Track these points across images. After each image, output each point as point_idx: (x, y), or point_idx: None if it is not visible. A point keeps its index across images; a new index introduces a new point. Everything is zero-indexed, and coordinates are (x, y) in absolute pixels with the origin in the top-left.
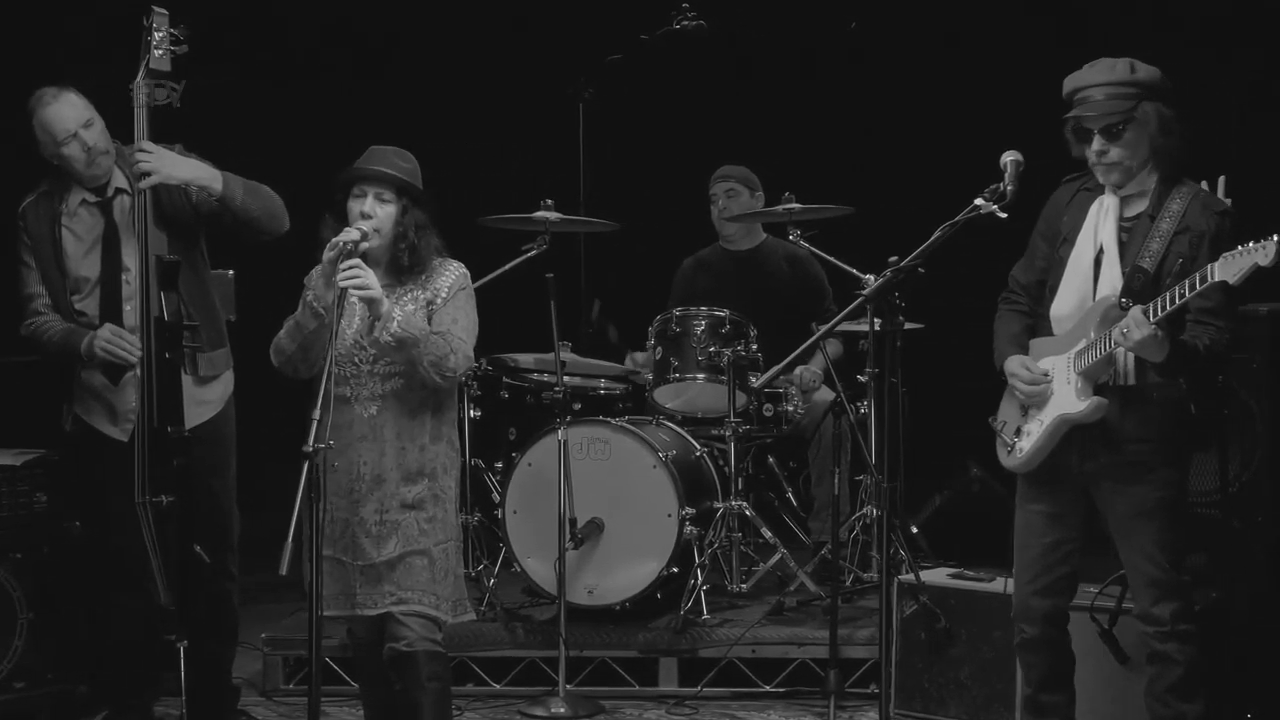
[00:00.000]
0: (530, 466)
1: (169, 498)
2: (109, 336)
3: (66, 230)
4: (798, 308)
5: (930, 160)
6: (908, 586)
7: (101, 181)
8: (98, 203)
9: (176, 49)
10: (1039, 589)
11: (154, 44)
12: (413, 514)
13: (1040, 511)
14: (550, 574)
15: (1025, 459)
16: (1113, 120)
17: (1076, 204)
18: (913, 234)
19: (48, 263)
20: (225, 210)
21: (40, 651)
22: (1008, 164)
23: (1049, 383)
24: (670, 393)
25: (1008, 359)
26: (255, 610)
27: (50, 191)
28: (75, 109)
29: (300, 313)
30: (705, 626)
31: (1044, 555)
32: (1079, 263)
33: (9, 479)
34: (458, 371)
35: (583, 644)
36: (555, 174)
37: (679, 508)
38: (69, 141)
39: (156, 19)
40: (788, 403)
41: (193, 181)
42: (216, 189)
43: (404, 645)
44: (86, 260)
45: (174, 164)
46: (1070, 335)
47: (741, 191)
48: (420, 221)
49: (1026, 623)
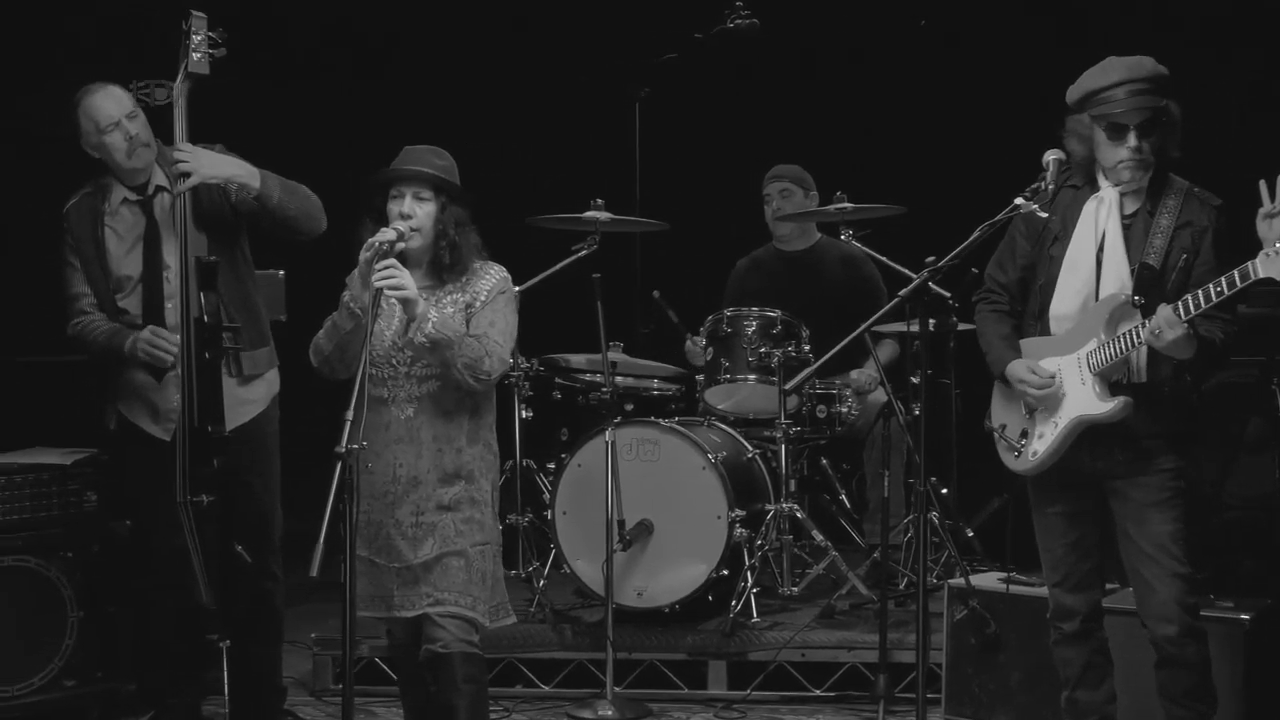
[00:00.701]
0: (580, 467)
1: (209, 497)
2: (149, 337)
3: (109, 229)
4: (851, 309)
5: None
6: (957, 591)
7: (141, 179)
8: (139, 201)
9: (215, 52)
10: (1069, 587)
11: (192, 47)
12: (449, 515)
13: (1058, 513)
14: (599, 575)
15: (1039, 462)
16: (1147, 116)
17: (1063, 201)
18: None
19: (91, 262)
20: (263, 209)
21: (90, 650)
22: (1050, 162)
23: (1059, 386)
24: (721, 394)
25: (1009, 364)
26: (305, 610)
27: (93, 193)
28: (119, 100)
29: (338, 313)
30: (754, 629)
31: (1068, 554)
32: (1078, 261)
33: (59, 478)
34: (492, 375)
35: (631, 646)
36: (606, 174)
37: (728, 509)
38: (111, 130)
39: (195, 22)
40: (841, 404)
41: (231, 180)
42: (255, 186)
43: (439, 646)
44: (128, 258)
45: (213, 163)
46: (1073, 335)
47: (795, 191)
48: (459, 218)
49: (1063, 620)
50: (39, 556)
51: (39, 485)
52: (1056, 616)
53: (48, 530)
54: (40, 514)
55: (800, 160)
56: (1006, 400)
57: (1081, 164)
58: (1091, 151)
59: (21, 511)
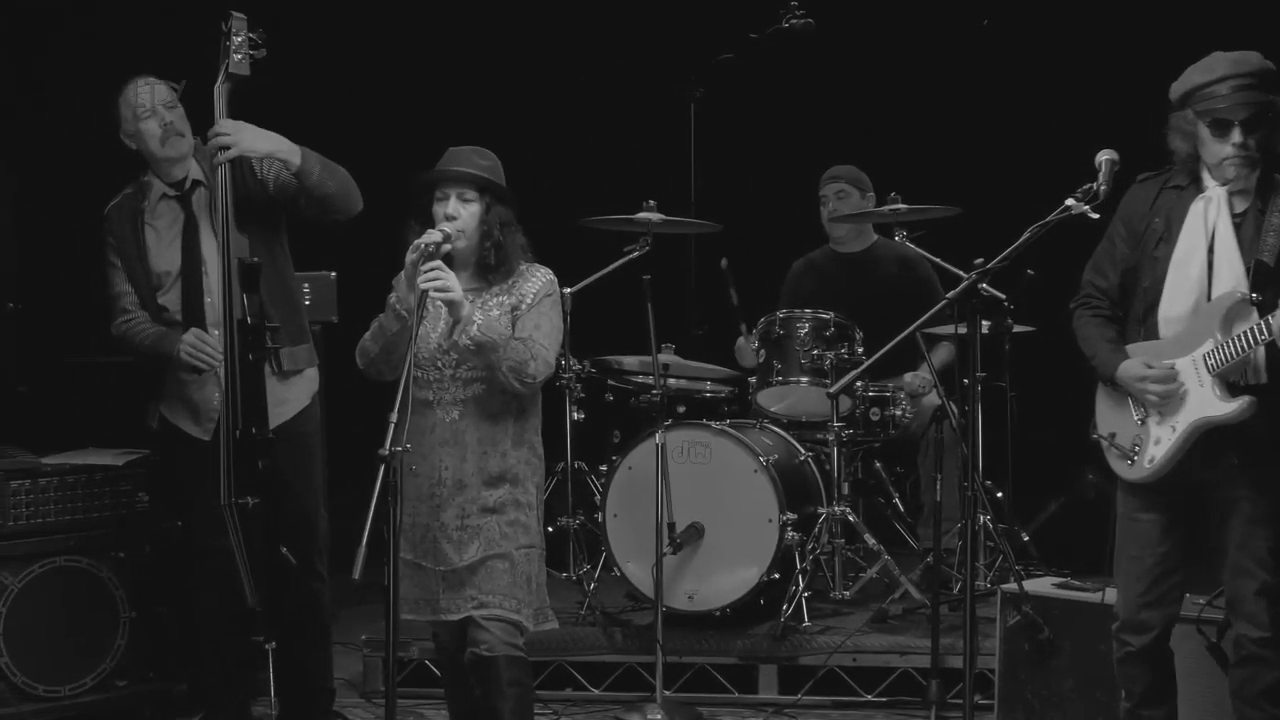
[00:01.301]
0: (631, 470)
1: (254, 500)
2: (192, 341)
3: (148, 226)
4: (906, 311)
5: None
6: (1011, 596)
7: (179, 174)
8: (177, 196)
9: (256, 53)
10: (1151, 600)
11: (233, 48)
12: (494, 518)
13: (1154, 520)
14: (650, 578)
15: (1156, 468)
16: (1253, 111)
17: (1166, 202)
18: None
19: (132, 260)
20: (301, 187)
21: (141, 650)
22: (1103, 163)
23: (1182, 389)
24: (774, 396)
25: (1121, 365)
26: (357, 611)
27: (134, 192)
28: (159, 92)
29: (384, 315)
30: (806, 634)
31: (1157, 565)
32: (1187, 261)
33: (111, 479)
34: (537, 378)
35: (681, 650)
36: (660, 174)
37: (780, 513)
38: (148, 117)
39: (235, 23)
40: (895, 407)
41: (273, 154)
42: (295, 162)
43: (484, 650)
44: (168, 254)
45: (253, 136)
46: (1185, 337)
47: (851, 193)
48: (505, 218)
49: (1134, 635)
50: (91, 557)
51: (91, 486)
52: (1128, 629)
53: (99, 530)
54: (92, 514)
55: (856, 161)
56: (1113, 406)
57: (1185, 162)
58: (1195, 149)
59: (74, 512)
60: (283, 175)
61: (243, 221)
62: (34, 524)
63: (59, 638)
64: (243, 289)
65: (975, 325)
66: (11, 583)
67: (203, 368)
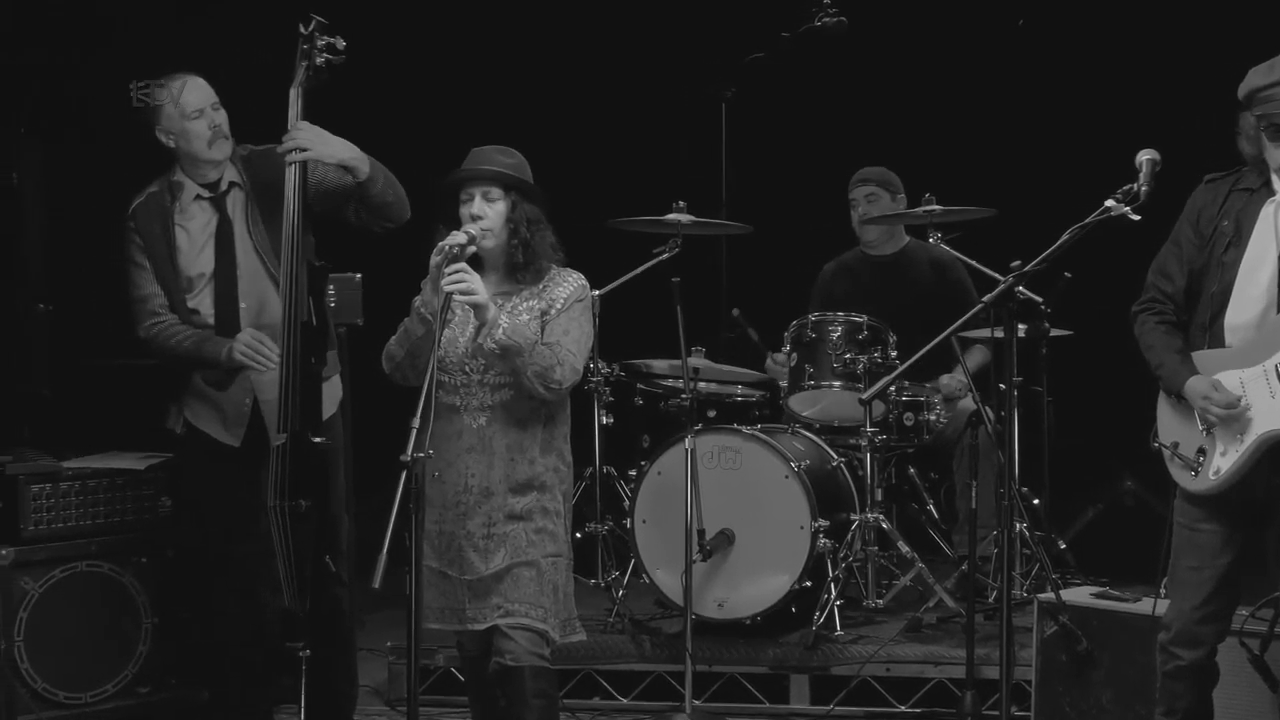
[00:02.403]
0: (660, 475)
1: (306, 502)
2: (248, 341)
3: (179, 227)
4: (940, 314)
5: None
6: (1048, 606)
7: (214, 175)
8: (211, 198)
9: (334, 57)
10: (1207, 614)
11: (314, 51)
12: (520, 525)
13: (1215, 532)
14: (679, 585)
15: (1222, 480)
16: None
17: (1236, 204)
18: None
19: (162, 261)
20: (359, 195)
21: (164, 656)
22: (1143, 163)
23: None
24: (805, 400)
25: (1188, 382)
26: (384, 617)
27: (160, 191)
28: (206, 90)
29: (410, 319)
30: (838, 643)
31: (1216, 578)
32: (1256, 267)
33: (133, 483)
34: (563, 385)
35: (711, 659)
36: (690, 175)
37: (812, 519)
38: (197, 117)
39: (316, 26)
40: (930, 412)
41: (344, 162)
42: (364, 171)
43: (509, 659)
44: (200, 257)
45: (329, 142)
46: (1254, 345)
47: (882, 195)
48: (532, 216)
49: (1186, 649)
50: (113, 562)
51: (113, 490)
52: (1179, 643)
53: (122, 535)
54: (114, 519)
55: (888, 162)
56: (1177, 415)
57: (1254, 164)
58: (1261, 152)
59: (95, 516)
60: (329, 181)
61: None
62: (55, 529)
63: (80, 644)
64: (309, 292)
65: (1012, 329)
66: (32, 588)
67: (257, 368)
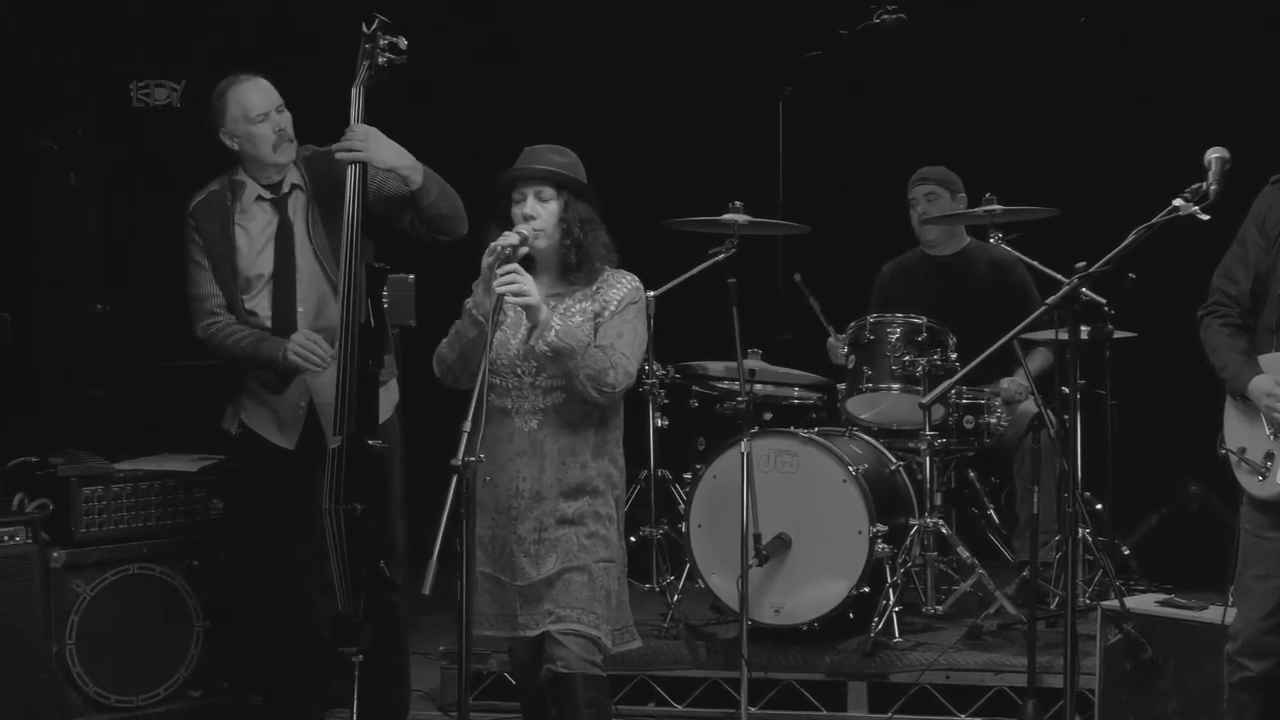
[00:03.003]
0: (715, 479)
1: (362, 506)
2: (302, 341)
3: (239, 228)
4: (1001, 315)
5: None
6: (1112, 614)
7: (276, 177)
8: (272, 199)
9: (396, 57)
10: (1274, 624)
11: (377, 50)
12: (572, 529)
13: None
14: (735, 591)
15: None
16: None
17: None
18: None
19: (221, 261)
20: (415, 205)
21: (216, 660)
22: (1212, 161)
23: None
24: (863, 403)
25: (1252, 381)
26: (438, 621)
27: (221, 190)
28: (269, 92)
29: (462, 320)
30: (897, 650)
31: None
32: None
33: (185, 485)
34: (616, 388)
35: (767, 665)
36: (746, 175)
37: (870, 524)
38: (262, 121)
39: (380, 26)
40: (990, 415)
41: (397, 169)
42: (416, 180)
43: (561, 666)
44: (259, 258)
45: (382, 147)
46: None
47: (942, 195)
48: (585, 216)
49: (1254, 659)
50: (164, 565)
51: (165, 492)
52: (1246, 653)
53: (174, 538)
54: (166, 522)
55: (949, 161)
56: (1244, 420)
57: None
58: None
59: (147, 519)
60: (388, 187)
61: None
62: (107, 531)
63: (132, 647)
64: (367, 294)
65: (1076, 332)
66: (84, 590)
67: (310, 369)
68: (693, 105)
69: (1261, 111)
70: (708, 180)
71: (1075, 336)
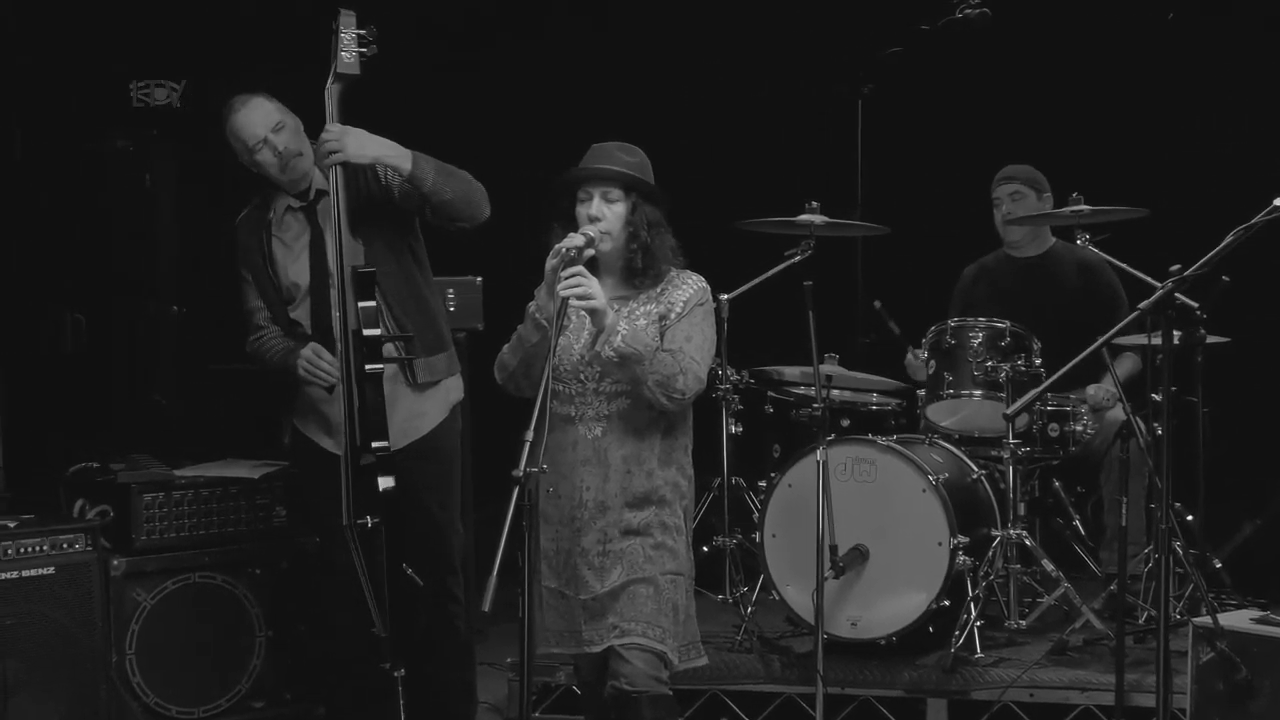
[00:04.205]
0: (790, 487)
1: (374, 520)
2: (310, 357)
3: (275, 239)
4: (1087, 319)
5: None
6: (1204, 631)
7: (302, 186)
8: (302, 208)
9: (365, 50)
10: None
11: (342, 47)
12: (637, 540)
13: None
14: (810, 603)
15: None
16: None
17: None
18: (1214, 238)
19: (260, 274)
20: (417, 193)
21: (278, 671)
22: None
23: None
24: (944, 410)
25: None
26: (507, 630)
27: (259, 204)
28: (263, 113)
29: (524, 325)
30: (978, 666)
31: None
32: None
33: (247, 492)
34: (686, 394)
35: (843, 681)
36: (824, 174)
37: (950, 535)
38: (260, 148)
39: (344, 20)
40: (1076, 422)
41: (380, 160)
42: (405, 168)
43: (625, 684)
44: (296, 267)
45: (360, 142)
46: None
47: (1027, 194)
48: (653, 219)
49: None
50: (226, 573)
51: (226, 499)
52: None
53: (235, 546)
54: (228, 529)
55: (1034, 159)
56: None
57: None
58: None
59: (209, 527)
60: (395, 179)
61: (363, 227)
62: (167, 539)
63: (193, 657)
64: (357, 298)
65: (1170, 338)
66: (144, 600)
67: (319, 384)
68: (769, 102)
69: None
70: (784, 180)
71: (1169, 342)
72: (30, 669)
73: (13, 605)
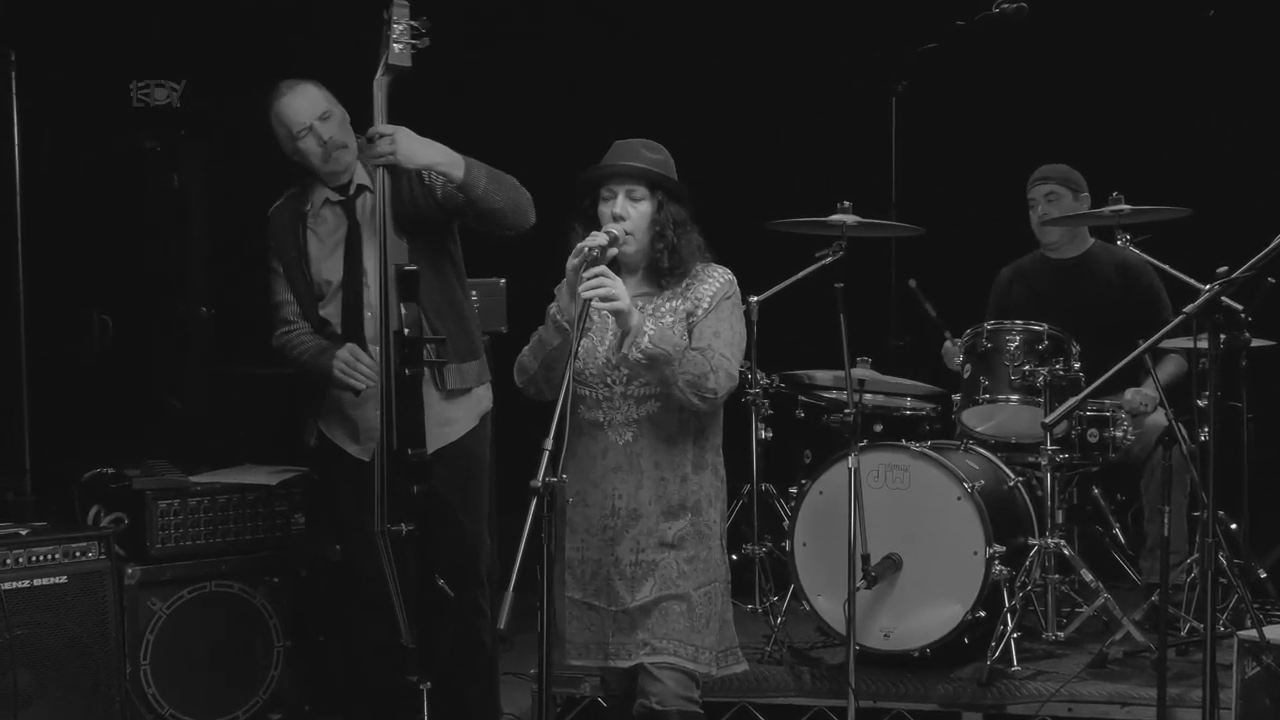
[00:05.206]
0: (822, 495)
1: (409, 526)
2: (346, 358)
3: (310, 232)
4: (1127, 322)
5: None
6: (1249, 644)
7: (343, 180)
8: (340, 202)
9: (418, 42)
10: None
11: (394, 37)
12: (672, 554)
13: None
14: (842, 614)
15: None
16: None
17: None
18: (1260, 239)
19: (292, 267)
20: (466, 200)
21: (297, 681)
22: None
23: None
24: (980, 415)
25: None
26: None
27: (297, 194)
28: (311, 100)
29: (544, 327)
30: (1015, 679)
31: None
32: None
33: (265, 499)
34: (719, 393)
35: (876, 694)
36: (857, 173)
37: (986, 544)
38: (305, 135)
39: (397, 11)
40: (1116, 428)
41: (433, 166)
42: (458, 175)
43: (655, 703)
44: (329, 263)
45: (413, 145)
46: None
47: (1063, 194)
48: (678, 218)
49: None
50: (244, 582)
51: (244, 506)
52: None
53: (253, 554)
54: (245, 537)
55: (1073, 158)
56: None
57: None
58: None
59: (225, 534)
60: (447, 186)
61: (405, 228)
62: (183, 547)
63: (209, 668)
64: (399, 298)
65: (1216, 342)
66: (159, 609)
67: (357, 387)
68: (800, 99)
69: None
70: (815, 179)
71: (1215, 347)
72: (42, 680)
73: (25, 615)
